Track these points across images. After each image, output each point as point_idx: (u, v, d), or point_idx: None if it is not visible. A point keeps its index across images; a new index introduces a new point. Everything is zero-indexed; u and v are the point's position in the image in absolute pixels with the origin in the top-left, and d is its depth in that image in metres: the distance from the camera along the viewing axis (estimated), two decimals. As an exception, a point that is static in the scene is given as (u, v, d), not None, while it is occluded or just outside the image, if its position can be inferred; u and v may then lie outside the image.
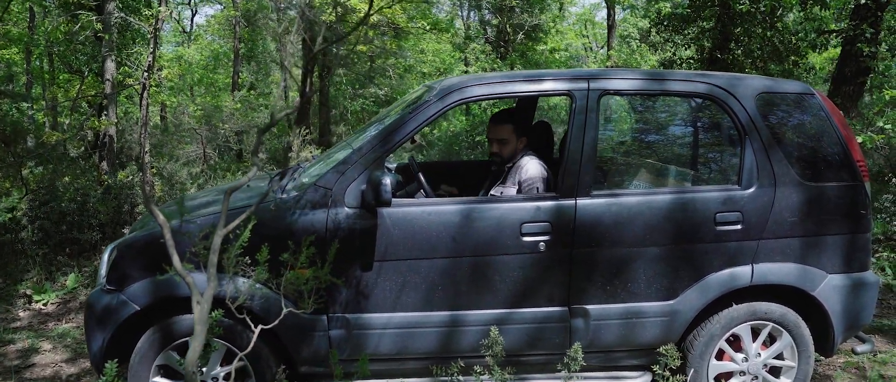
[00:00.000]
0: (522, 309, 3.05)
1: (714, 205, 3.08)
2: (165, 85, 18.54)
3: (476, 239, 2.98)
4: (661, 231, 3.05)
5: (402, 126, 3.05)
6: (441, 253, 2.98)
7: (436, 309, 3.03)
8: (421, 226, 2.98)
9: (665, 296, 3.10)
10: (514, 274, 3.01)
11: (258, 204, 1.87)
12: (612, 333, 3.09)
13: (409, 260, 2.98)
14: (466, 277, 3.00)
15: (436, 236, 2.97)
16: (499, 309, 3.04)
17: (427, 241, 2.97)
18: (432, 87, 3.21)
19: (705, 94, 3.17)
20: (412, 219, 2.99)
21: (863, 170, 3.24)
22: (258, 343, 3.04)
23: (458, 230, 2.98)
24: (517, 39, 15.53)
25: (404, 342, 3.04)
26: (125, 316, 2.98)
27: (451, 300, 3.02)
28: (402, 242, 2.97)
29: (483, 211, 3.00)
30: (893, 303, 5.08)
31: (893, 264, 5.62)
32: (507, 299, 3.03)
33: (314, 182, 3.04)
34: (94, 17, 7.93)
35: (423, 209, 3.01)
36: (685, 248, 3.08)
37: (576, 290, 3.05)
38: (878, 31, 7.24)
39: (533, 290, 3.04)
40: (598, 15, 30.53)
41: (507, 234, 2.98)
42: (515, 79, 3.16)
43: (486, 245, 2.99)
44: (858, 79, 7.82)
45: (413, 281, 3.00)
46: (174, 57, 22.32)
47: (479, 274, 3.01)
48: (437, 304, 3.02)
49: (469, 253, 2.99)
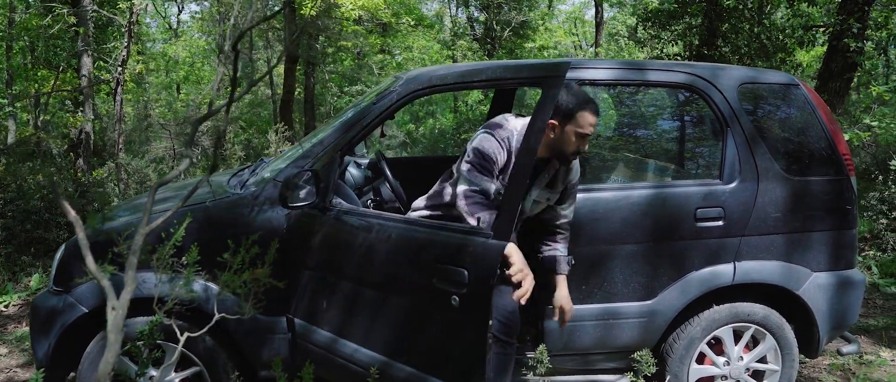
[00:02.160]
0: None
1: (694, 201, 2.94)
2: (150, 81, 18.33)
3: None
4: (639, 227, 2.91)
5: (365, 117, 2.89)
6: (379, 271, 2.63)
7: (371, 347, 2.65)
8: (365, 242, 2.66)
9: (643, 296, 2.96)
10: None
11: (185, 199, 1.71)
12: (587, 335, 2.95)
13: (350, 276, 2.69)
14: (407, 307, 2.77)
15: (371, 250, 2.63)
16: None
17: (360, 256, 2.64)
18: (398, 77, 3.06)
19: (686, 85, 3.03)
20: (341, 229, 2.71)
21: (849, 165, 3.12)
22: (215, 348, 2.88)
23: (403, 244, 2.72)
24: (504, 36, 15.38)
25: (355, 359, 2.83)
26: (72, 318, 2.80)
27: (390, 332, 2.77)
28: (344, 252, 2.72)
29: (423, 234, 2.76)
30: (880, 303, 4.98)
31: (880, 263, 5.52)
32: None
33: (274, 176, 2.88)
34: (65, 11, 7.72)
35: (357, 220, 2.71)
36: (664, 246, 2.94)
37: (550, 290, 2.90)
38: (864, 26, 7.16)
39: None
40: (588, 13, 30.47)
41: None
42: (484, 68, 3.00)
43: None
44: (845, 74, 7.74)
45: (360, 301, 2.67)
46: (159, 54, 22.07)
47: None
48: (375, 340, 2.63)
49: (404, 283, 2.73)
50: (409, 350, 2.50)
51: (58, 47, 10.52)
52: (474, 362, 2.28)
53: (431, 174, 4.35)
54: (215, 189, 3.11)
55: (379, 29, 15.72)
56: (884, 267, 5.43)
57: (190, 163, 1.54)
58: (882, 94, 6.28)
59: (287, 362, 2.83)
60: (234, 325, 2.80)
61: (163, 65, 21.39)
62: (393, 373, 2.50)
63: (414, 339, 2.50)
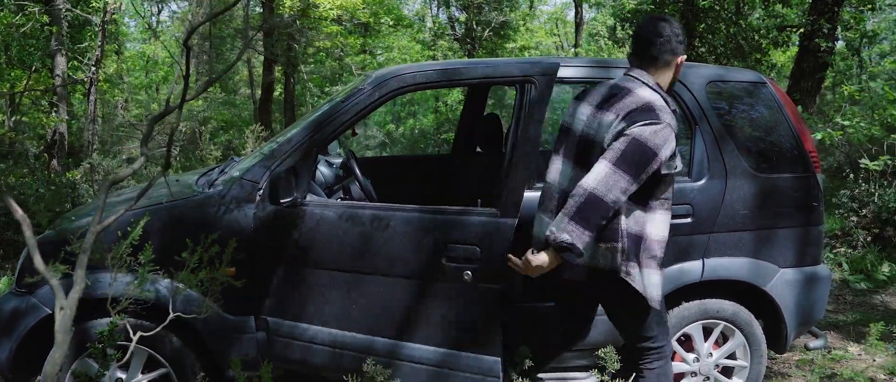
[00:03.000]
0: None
1: None
2: (129, 82, 18.10)
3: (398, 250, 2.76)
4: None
5: (334, 116, 2.87)
6: (356, 261, 2.74)
7: (357, 331, 2.79)
8: (334, 231, 2.74)
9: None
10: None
11: (138, 198, 1.69)
12: (557, 333, 2.95)
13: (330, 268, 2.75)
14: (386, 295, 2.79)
15: (350, 242, 2.73)
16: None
17: (340, 248, 2.73)
18: (368, 76, 3.04)
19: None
20: (323, 222, 2.75)
21: (815, 162, 3.16)
22: (182, 348, 2.85)
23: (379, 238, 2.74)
24: (484, 36, 15.40)
25: (332, 357, 2.83)
26: (35, 320, 2.75)
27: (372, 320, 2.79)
28: (323, 247, 2.75)
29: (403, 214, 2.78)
30: (850, 299, 5.04)
31: (850, 259, 5.60)
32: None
33: (241, 175, 2.85)
34: (37, 10, 7.61)
35: (338, 211, 2.76)
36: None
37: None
38: (834, 26, 7.27)
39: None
40: (570, 14, 30.60)
41: (430, 249, 2.79)
42: (454, 66, 3.00)
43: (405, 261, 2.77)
44: (816, 74, 7.84)
45: (336, 291, 2.76)
46: (137, 54, 21.80)
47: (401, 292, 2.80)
48: (358, 323, 2.78)
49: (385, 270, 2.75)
50: (422, 330, 2.68)
51: (31, 47, 10.36)
52: (491, 331, 2.58)
53: (405, 173, 4.37)
54: (183, 188, 3.08)
55: (360, 29, 15.68)
56: (854, 264, 5.51)
57: (146, 160, 1.51)
58: (853, 94, 6.37)
59: (256, 362, 2.81)
60: (202, 325, 2.77)
61: (142, 65, 21.14)
62: (403, 354, 2.70)
63: (426, 319, 2.67)
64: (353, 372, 2.55)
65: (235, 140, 11.84)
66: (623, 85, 2.39)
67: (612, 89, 2.41)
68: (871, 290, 5.17)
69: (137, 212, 2.67)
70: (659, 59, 2.37)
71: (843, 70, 13.55)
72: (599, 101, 2.41)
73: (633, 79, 2.38)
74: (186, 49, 1.57)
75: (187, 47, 1.59)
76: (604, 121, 2.32)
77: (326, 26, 11.25)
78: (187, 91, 1.64)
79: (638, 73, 2.39)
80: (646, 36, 2.37)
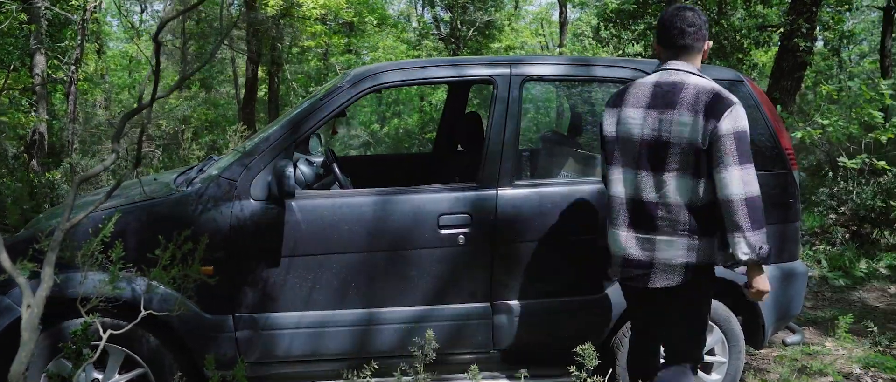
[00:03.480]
0: (442, 305, 2.89)
1: None
2: (112, 81, 17.93)
3: (390, 232, 2.82)
4: (588, 222, 2.93)
5: (312, 114, 2.87)
6: (353, 247, 2.81)
7: (350, 307, 2.86)
8: (332, 219, 2.80)
9: (592, 290, 2.98)
10: (432, 269, 2.86)
11: (107, 196, 1.67)
12: (537, 330, 2.96)
13: (319, 255, 2.80)
14: (381, 273, 2.84)
15: (347, 230, 2.80)
16: (416, 307, 2.88)
17: (338, 235, 2.80)
18: (347, 74, 3.05)
19: (632, 80, 3.06)
20: (322, 212, 2.80)
21: (791, 159, 3.18)
22: (160, 348, 2.83)
23: (372, 223, 2.81)
24: (469, 36, 15.41)
25: (317, 342, 2.86)
26: (9, 321, 2.72)
27: (365, 298, 2.85)
28: (312, 236, 2.79)
29: (397, 203, 2.84)
30: (829, 295, 5.10)
31: (829, 256, 5.66)
32: (425, 296, 2.88)
33: (219, 174, 2.84)
34: (14, 7, 7.51)
35: (334, 201, 2.83)
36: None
37: (498, 285, 2.91)
38: (813, 26, 7.35)
39: (453, 286, 2.88)
40: (555, 14, 30.69)
41: (424, 227, 2.83)
42: (432, 65, 3.01)
43: (402, 238, 2.82)
44: (795, 73, 7.93)
45: (325, 277, 2.82)
46: (119, 53, 21.59)
47: (395, 270, 2.84)
48: (351, 302, 2.85)
49: (383, 248, 2.82)
50: (420, 293, 2.86)
51: (10, 45, 10.22)
52: (482, 283, 2.87)
53: (386, 171, 4.36)
54: (160, 187, 3.07)
55: (344, 29, 15.62)
56: (832, 261, 5.57)
57: (117, 157, 1.49)
58: (832, 93, 6.44)
59: (234, 361, 2.79)
60: (180, 324, 2.76)
61: (125, 65, 20.94)
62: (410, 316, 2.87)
63: (425, 283, 2.85)
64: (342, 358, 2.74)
65: (220, 140, 11.77)
66: (671, 80, 2.34)
67: (660, 87, 2.34)
68: (849, 287, 5.23)
69: (111, 211, 2.66)
70: (693, 47, 2.38)
71: (823, 70, 13.71)
72: (649, 101, 2.34)
73: (677, 71, 2.36)
74: (156, 44, 1.55)
75: (157, 42, 1.58)
76: (678, 120, 2.26)
77: (310, 26, 11.21)
78: (158, 87, 1.63)
79: (678, 65, 2.36)
80: (678, 26, 2.35)
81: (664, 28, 2.40)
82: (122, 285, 2.47)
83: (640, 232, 2.37)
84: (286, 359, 2.88)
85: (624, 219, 2.40)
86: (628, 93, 2.43)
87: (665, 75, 2.38)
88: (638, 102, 2.38)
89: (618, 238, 2.43)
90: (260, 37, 11.09)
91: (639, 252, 2.37)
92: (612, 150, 2.44)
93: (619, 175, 2.42)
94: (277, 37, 10.93)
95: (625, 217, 2.40)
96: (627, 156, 2.39)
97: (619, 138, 2.41)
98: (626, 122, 2.39)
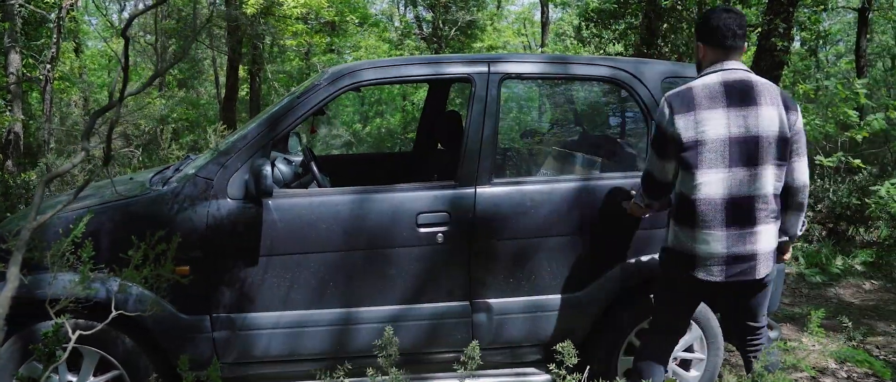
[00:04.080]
0: (421, 304, 2.89)
1: (621, 193, 2.98)
2: (90, 80, 17.68)
3: (369, 230, 2.81)
4: (567, 220, 2.94)
5: (290, 112, 2.85)
6: (331, 247, 2.79)
7: (328, 307, 2.84)
8: (310, 218, 2.78)
9: (572, 288, 2.99)
10: (410, 268, 2.85)
11: (75, 194, 1.64)
12: (516, 328, 2.96)
13: (297, 254, 2.78)
14: (360, 272, 2.82)
15: (326, 229, 2.78)
16: (395, 306, 2.87)
17: (316, 234, 2.78)
18: (325, 72, 3.03)
19: (610, 78, 3.08)
20: (300, 211, 2.79)
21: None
22: (135, 349, 2.79)
23: (350, 222, 2.79)
24: (451, 35, 15.40)
25: (295, 342, 2.84)
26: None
27: (344, 296, 2.84)
28: (290, 236, 2.77)
29: (376, 202, 2.83)
30: (806, 292, 5.16)
31: (806, 253, 5.73)
32: (404, 295, 2.87)
33: (196, 173, 2.81)
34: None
35: (312, 200, 2.81)
36: (592, 238, 2.97)
37: (477, 284, 2.91)
38: (790, 26, 7.44)
39: (432, 284, 2.88)
40: (537, 14, 30.79)
41: (402, 225, 2.82)
42: (411, 63, 3.00)
43: (380, 237, 2.81)
44: (773, 72, 8.01)
45: (303, 277, 2.80)
46: (98, 52, 21.30)
47: (374, 269, 2.83)
48: (329, 301, 2.84)
49: (361, 247, 2.81)
50: (399, 292, 2.85)
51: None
52: (461, 281, 2.86)
53: (366, 170, 4.35)
54: (136, 186, 3.03)
55: (326, 28, 15.54)
56: (809, 258, 5.64)
57: (87, 155, 1.46)
58: (809, 92, 6.52)
59: (209, 361, 2.76)
60: (155, 325, 2.73)
61: (104, 64, 20.67)
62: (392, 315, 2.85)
63: (404, 281, 2.84)
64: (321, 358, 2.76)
65: (201, 140, 11.66)
66: (737, 77, 2.44)
67: (731, 85, 2.41)
68: (826, 283, 5.30)
69: (83, 211, 2.62)
70: (742, 47, 2.50)
71: (801, 70, 13.87)
72: (726, 101, 2.39)
73: (739, 70, 2.46)
74: (125, 40, 1.53)
75: (126, 38, 1.55)
76: (765, 115, 2.38)
77: (291, 25, 11.13)
78: (131, 85, 1.61)
79: (734, 64, 2.46)
80: (731, 28, 2.44)
81: (716, 30, 2.47)
82: (94, 285, 2.44)
83: (742, 227, 2.42)
84: (264, 360, 2.86)
85: (721, 219, 2.41)
86: (697, 96, 2.44)
87: (728, 74, 2.45)
88: (714, 103, 2.40)
89: (715, 238, 2.42)
90: (240, 35, 10.99)
91: (742, 247, 2.42)
92: (696, 154, 2.41)
93: (709, 176, 2.40)
94: (257, 35, 10.84)
95: (722, 216, 2.41)
96: (716, 156, 2.39)
97: (705, 140, 2.39)
98: (707, 123, 2.39)
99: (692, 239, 2.46)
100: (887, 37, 16.88)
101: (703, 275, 2.47)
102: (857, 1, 11.81)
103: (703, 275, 2.47)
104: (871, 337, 4.12)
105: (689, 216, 2.45)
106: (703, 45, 2.53)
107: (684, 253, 2.50)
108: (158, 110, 9.64)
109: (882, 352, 3.91)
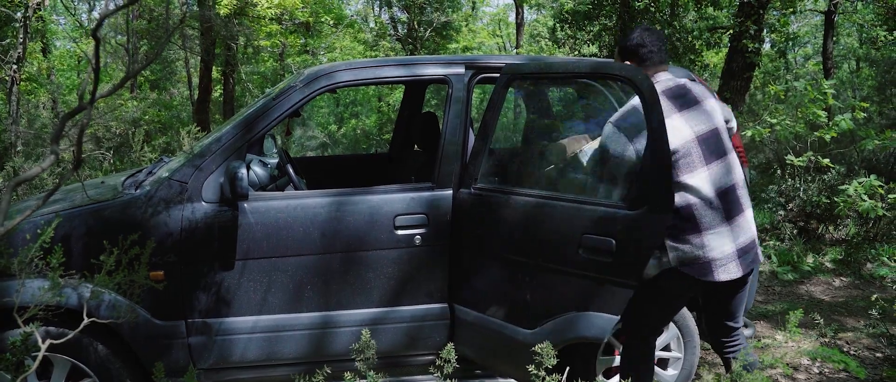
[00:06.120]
0: (399, 307, 2.87)
1: None
2: (59, 81, 17.33)
3: (346, 233, 2.78)
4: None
5: (265, 114, 2.82)
6: (308, 250, 2.76)
7: (305, 311, 2.81)
8: (286, 221, 2.75)
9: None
10: (388, 271, 2.83)
11: (45, 199, 1.60)
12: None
13: (274, 257, 2.75)
14: (337, 276, 2.80)
15: (302, 231, 2.75)
16: (373, 309, 2.85)
17: (293, 237, 2.75)
18: (300, 73, 3.00)
19: (589, 79, 3.09)
20: (276, 214, 2.75)
21: (741, 157, 3.25)
22: (108, 355, 2.74)
23: (327, 224, 2.77)
24: (426, 37, 15.40)
25: (272, 346, 2.81)
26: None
27: (321, 300, 2.81)
28: (265, 239, 2.73)
29: (353, 204, 2.81)
30: (778, 289, 5.24)
31: (778, 252, 5.82)
32: (382, 297, 2.85)
33: (170, 176, 2.76)
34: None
35: (288, 202, 2.78)
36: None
37: (456, 286, 2.90)
38: (760, 28, 7.58)
39: (410, 287, 2.87)
40: (512, 15, 30.92)
41: (379, 228, 2.80)
42: (387, 64, 2.99)
43: (358, 240, 2.79)
44: (745, 74, 8.17)
45: (280, 280, 2.77)
46: (67, 52, 20.91)
47: (351, 272, 2.81)
48: (307, 305, 2.81)
49: (339, 249, 2.79)
50: (377, 294, 2.83)
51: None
52: (440, 283, 2.86)
53: (342, 172, 4.32)
54: (108, 190, 2.97)
55: (301, 29, 15.44)
56: (782, 256, 5.73)
57: (56, 158, 1.43)
58: (779, 93, 6.63)
59: (185, 367, 2.72)
60: (128, 332, 2.67)
61: (73, 65, 20.29)
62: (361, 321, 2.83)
63: (382, 284, 2.83)
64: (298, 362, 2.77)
65: (174, 143, 11.49)
66: (677, 84, 2.54)
67: (678, 90, 2.51)
68: (798, 281, 5.39)
69: (52, 216, 2.56)
70: (666, 61, 2.63)
71: (771, 71, 14.14)
72: (677, 106, 2.46)
73: (671, 79, 2.55)
74: (96, 40, 1.49)
75: (97, 38, 1.52)
76: (713, 108, 2.52)
77: (265, 25, 11.03)
78: (101, 87, 1.57)
79: (665, 75, 2.55)
80: (656, 42, 2.54)
81: (639, 47, 2.54)
82: (65, 292, 2.38)
83: (737, 217, 2.44)
84: (241, 365, 2.83)
85: (720, 216, 2.39)
86: (674, 96, 2.48)
87: (663, 85, 2.52)
88: (666, 113, 2.38)
89: (722, 235, 2.40)
90: (213, 36, 10.86)
91: (744, 236, 2.46)
92: (689, 153, 2.39)
93: (693, 179, 2.37)
94: (231, 36, 10.73)
95: (720, 213, 2.39)
96: (691, 159, 2.38)
97: (676, 149, 2.37)
98: (669, 133, 2.33)
99: (701, 246, 2.38)
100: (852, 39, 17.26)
101: (724, 276, 2.40)
102: (824, 4, 12.07)
103: (725, 276, 2.40)
104: (842, 333, 4.19)
105: (691, 224, 2.38)
106: (639, 62, 2.55)
107: (697, 264, 2.40)
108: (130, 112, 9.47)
109: (852, 348, 3.99)
